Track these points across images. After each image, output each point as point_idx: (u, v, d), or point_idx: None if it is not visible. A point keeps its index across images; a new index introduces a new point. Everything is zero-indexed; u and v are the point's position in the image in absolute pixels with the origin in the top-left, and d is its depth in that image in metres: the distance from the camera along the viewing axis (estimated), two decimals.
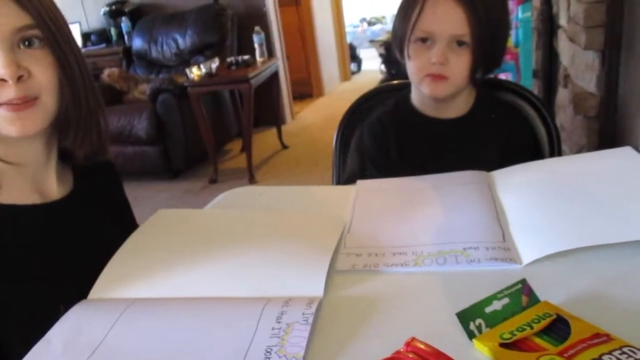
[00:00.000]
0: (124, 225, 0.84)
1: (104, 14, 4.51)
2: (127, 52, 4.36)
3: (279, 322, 0.56)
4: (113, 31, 4.51)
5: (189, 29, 4.09)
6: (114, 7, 4.48)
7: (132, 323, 0.59)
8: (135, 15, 4.44)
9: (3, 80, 0.64)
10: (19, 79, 0.65)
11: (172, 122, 3.50)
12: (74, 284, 0.66)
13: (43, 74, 0.68)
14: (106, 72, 3.83)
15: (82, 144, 0.76)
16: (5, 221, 0.70)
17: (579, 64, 1.48)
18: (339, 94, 5.56)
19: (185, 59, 4.04)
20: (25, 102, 0.66)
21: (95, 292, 0.66)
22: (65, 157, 0.80)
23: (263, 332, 0.55)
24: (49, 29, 0.68)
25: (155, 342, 0.56)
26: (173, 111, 3.49)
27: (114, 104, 3.70)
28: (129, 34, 4.39)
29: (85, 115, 0.75)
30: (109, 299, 0.65)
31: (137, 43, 4.26)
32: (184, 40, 4.11)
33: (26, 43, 0.67)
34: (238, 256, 0.71)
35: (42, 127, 0.70)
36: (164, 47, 4.18)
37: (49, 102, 0.69)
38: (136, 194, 3.50)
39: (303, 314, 0.56)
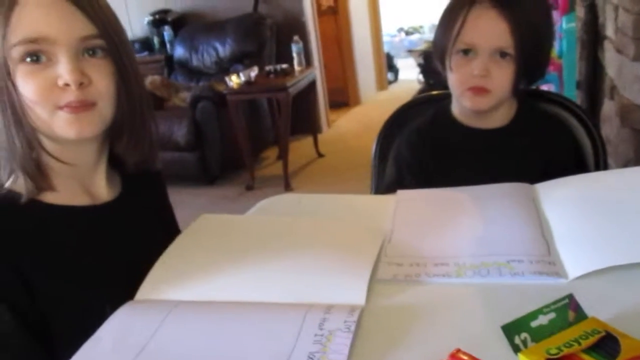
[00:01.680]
0: (168, 230, 0.87)
1: (148, 23, 4.64)
2: (169, 60, 4.46)
3: (321, 329, 0.56)
4: (156, 40, 4.63)
5: (228, 38, 4.16)
6: (157, 17, 4.60)
7: (177, 325, 0.61)
8: (178, 24, 4.55)
9: (66, 84, 0.67)
10: (81, 85, 0.68)
11: (211, 129, 3.57)
12: (119, 285, 0.69)
13: (103, 81, 0.71)
14: (148, 79, 3.93)
15: (135, 151, 0.79)
16: (59, 221, 0.73)
17: (627, 75, 1.45)
18: (375, 103, 5.55)
19: (225, 67, 4.11)
20: (83, 106, 0.69)
21: (142, 293, 0.68)
22: (115, 163, 0.83)
23: (305, 338, 0.55)
24: (112, 39, 0.71)
25: (199, 345, 0.58)
26: (212, 118, 3.55)
27: (155, 110, 3.78)
28: (171, 42, 4.50)
29: (139, 124, 0.78)
30: (155, 300, 0.67)
31: (179, 51, 4.36)
32: (223, 49, 4.19)
33: (90, 52, 0.70)
34: (280, 262, 0.72)
35: (98, 131, 0.73)
36: (204, 56, 4.27)
37: (105, 109, 0.72)
38: (174, 198, 3.54)
39: (345, 321, 0.57)
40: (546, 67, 1.04)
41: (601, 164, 1.07)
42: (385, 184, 1.17)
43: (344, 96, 5.53)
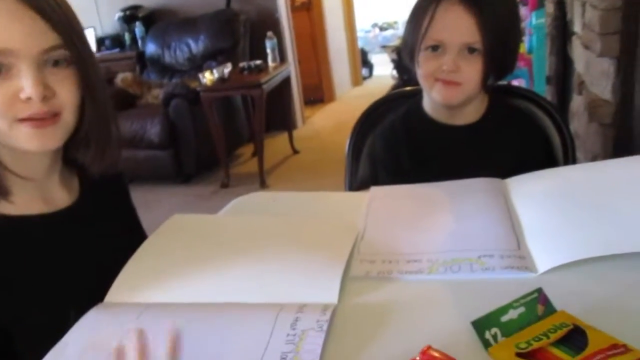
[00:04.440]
0: (131, 233, 0.86)
1: (118, 19, 4.56)
2: (141, 57, 4.39)
3: (293, 329, 0.56)
4: (127, 36, 4.56)
5: (201, 34, 4.12)
6: (128, 13, 4.53)
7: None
8: (149, 21, 4.48)
9: (29, 98, 0.65)
10: (44, 97, 0.65)
11: (184, 127, 3.53)
12: (83, 290, 0.67)
13: (67, 93, 0.68)
14: (120, 76, 3.87)
15: (102, 160, 0.77)
16: (16, 232, 0.71)
17: (594, 71, 1.47)
18: (350, 99, 5.56)
19: (198, 64, 4.07)
20: (46, 119, 0.67)
21: (111, 296, 0.67)
22: (71, 165, 0.80)
23: (278, 338, 0.55)
24: (77, 48, 0.68)
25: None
26: (185, 116, 3.51)
27: (127, 108, 3.73)
28: (143, 39, 4.43)
29: (106, 133, 0.76)
30: (125, 303, 0.66)
31: (151, 48, 4.30)
32: (196, 45, 4.14)
33: (54, 62, 0.67)
34: (252, 262, 0.71)
35: (60, 143, 0.71)
36: (177, 52, 4.21)
37: (69, 119, 0.70)
38: (148, 198, 3.53)
39: (318, 320, 0.57)
40: (514, 63, 1.05)
41: (570, 158, 1.08)
42: (359, 181, 1.18)
43: (319, 92, 5.53)
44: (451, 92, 0.98)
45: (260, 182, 3.50)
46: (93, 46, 4.53)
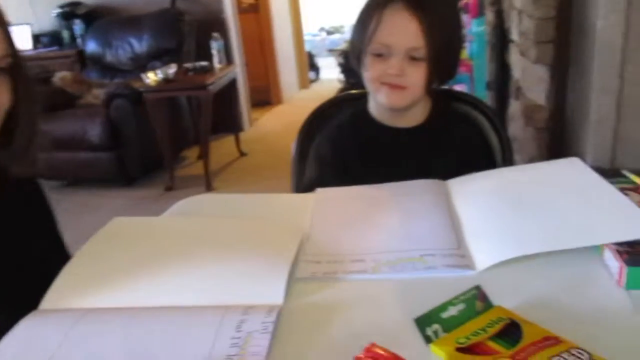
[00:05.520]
0: (46, 239, 0.84)
1: (56, 15, 4.38)
2: (81, 55, 4.25)
3: (238, 331, 0.55)
4: (66, 34, 4.39)
5: (145, 34, 4.02)
6: (66, 9, 4.36)
7: (85, 334, 0.58)
8: (89, 18, 4.33)
9: None
10: None
11: (127, 128, 3.43)
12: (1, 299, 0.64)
13: (1, 98, 0.68)
14: (58, 75, 3.72)
15: (22, 160, 0.76)
16: None
17: (530, 77, 1.54)
18: (298, 101, 5.58)
19: (142, 64, 3.97)
20: None
21: (47, 302, 0.64)
22: None
23: (223, 341, 0.54)
24: (17, 56, 0.69)
25: (110, 355, 0.55)
26: (128, 117, 3.41)
27: (65, 108, 3.59)
28: (83, 36, 4.28)
29: (30, 132, 0.75)
30: (62, 309, 0.63)
31: (91, 46, 4.16)
32: (140, 45, 4.04)
33: None
34: (196, 264, 0.70)
35: None
36: (120, 51, 4.10)
37: None
38: (90, 201, 3.41)
39: (263, 322, 0.56)
40: (456, 68, 1.08)
41: (508, 161, 1.13)
42: (305, 182, 1.18)
43: (266, 95, 5.51)
44: (396, 95, 1.00)
45: (207, 184, 3.45)
46: (29, 43, 4.35)
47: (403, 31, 0.96)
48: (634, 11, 1.12)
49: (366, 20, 0.99)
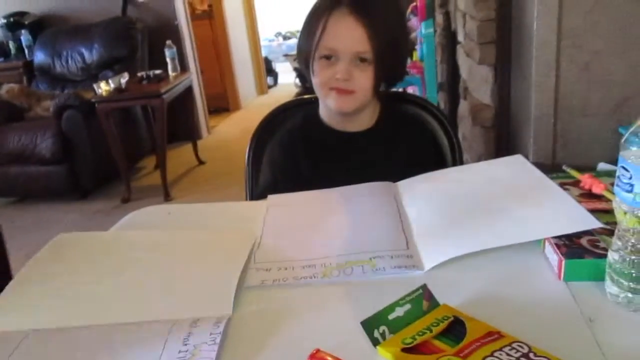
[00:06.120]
0: None
1: (2, 26, 4.23)
2: (28, 66, 4.11)
3: (185, 345, 0.54)
4: (12, 44, 4.25)
5: (95, 43, 3.93)
6: (12, 19, 4.22)
7: (29, 356, 0.56)
8: (37, 28, 4.20)
9: None
10: None
11: (79, 140, 3.34)
12: None
13: None
14: (4, 88, 3.60)
15: None
16: None
17: (475, 77, 1.58)
18: (256, 107, 5.55)
19: (93, 74, 3.88)
20: None
21: None
22: None
23: (170, 356, 0.53)
24: None
25: None
26: (80, 128, 3.33)
27: (13, 121, 3.48)
28: (30, 47, 4.15)
29: None
30: (3, 331, 0.61)
31: (39, 57, 4.04)
32: (90, 54, 3.95)
33: None
34: (143, 279, 0.69)
35: None
36: (69, 62, 3.99)
37: None
38: (42, 216, 3.30)
39: (211, 334, 0.56)
40: (404, 71, 1.10)
41: (457, 160, 1.15)
42: (260, 189, 1.17)
43: (223, 101, 5.47)
44: (345, 100, 1.01)
45: (164, 194, 3.40)
46: None
47: (349, 36, 0.97)
48: (565, 12, 1.17)
49: (313, 26, 1.00)
